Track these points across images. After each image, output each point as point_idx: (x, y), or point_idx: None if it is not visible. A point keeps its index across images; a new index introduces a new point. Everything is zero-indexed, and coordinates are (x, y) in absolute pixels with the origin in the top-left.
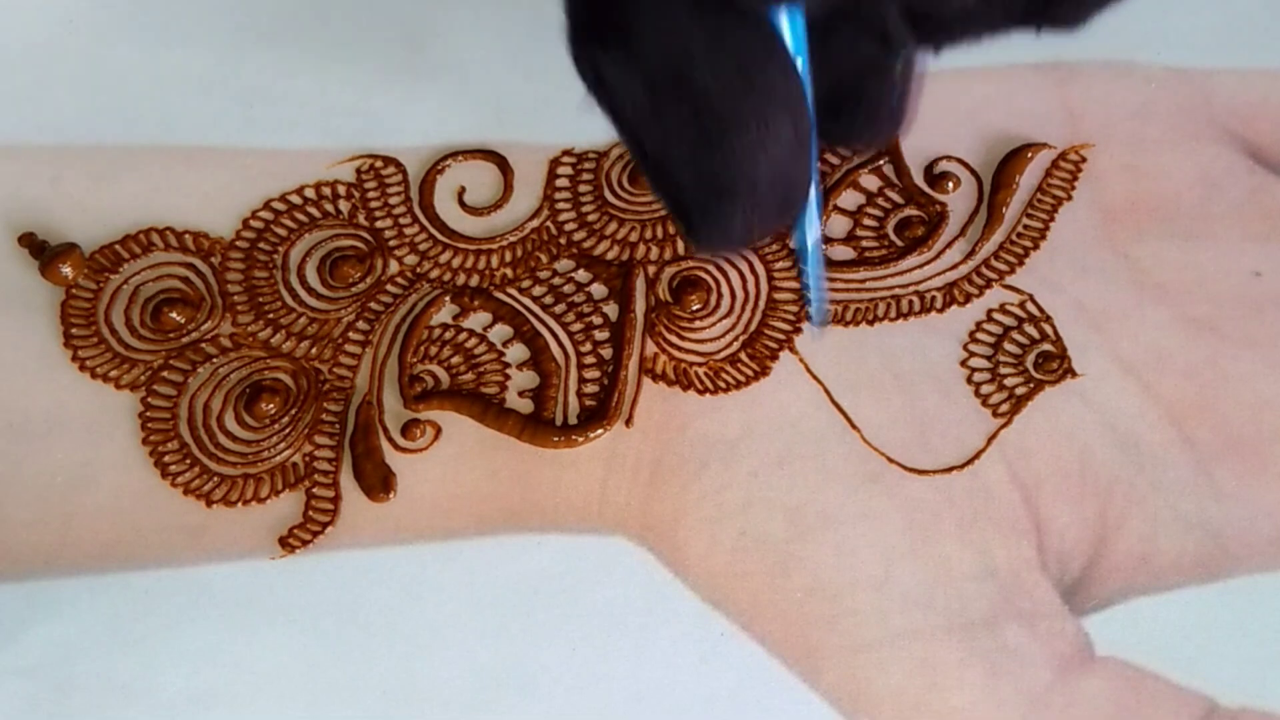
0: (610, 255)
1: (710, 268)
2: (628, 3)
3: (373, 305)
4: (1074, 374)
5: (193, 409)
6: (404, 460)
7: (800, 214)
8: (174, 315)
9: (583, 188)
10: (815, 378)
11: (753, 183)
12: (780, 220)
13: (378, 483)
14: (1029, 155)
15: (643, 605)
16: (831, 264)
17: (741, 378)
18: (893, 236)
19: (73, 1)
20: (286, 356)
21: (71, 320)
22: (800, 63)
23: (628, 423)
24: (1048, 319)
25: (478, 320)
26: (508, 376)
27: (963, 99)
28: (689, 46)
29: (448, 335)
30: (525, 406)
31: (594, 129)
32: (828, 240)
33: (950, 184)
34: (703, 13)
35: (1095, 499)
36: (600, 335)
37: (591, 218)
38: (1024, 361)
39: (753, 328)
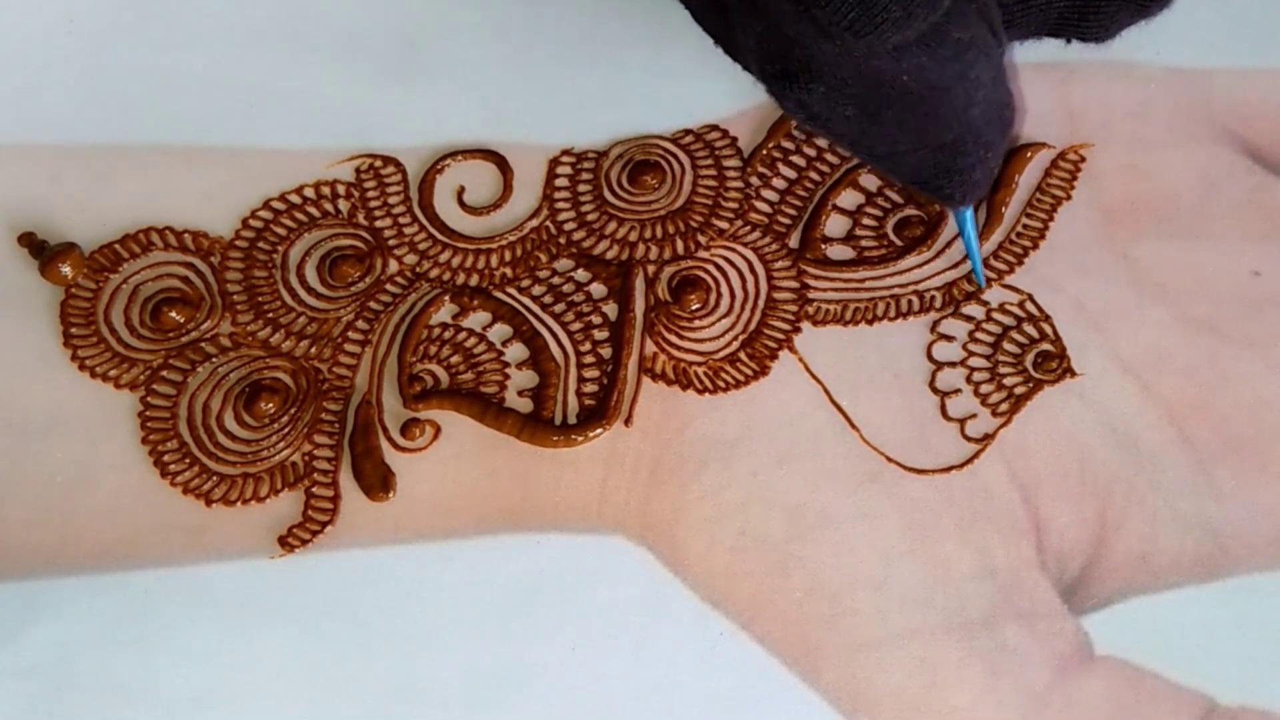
0: (610, 255)
1: (710, 267)
2: (804, 43)
3: (372, 305)
4: (1073, 374)
5: (192, 408)
6: (403, 460)
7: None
8: (173, 315)
9: (582, 187)
10: (815, 377)
11: (974, 129)
12: (1005, 141)
13: (377, 482)
14: (1028, 155)
15: (642, 605)
16: (831, 263)
17: (741, 377)
18: (892, 236)
19: (73, 1)
20: (286, 356)
21: (71, 320)
22: None
23: (627, 422)
24: (1047, 318)
25: (477, 320)
26: (507, 376)
27: None
28: (873, 60)
29: (447, 335)
30: (524, 406)
31: (593, 129)
32: (826, 240)
33: None
34: None
35: (1094, 499)
36: (600, 335)
37: (591, 217)
38: (1023, 361)
39: (752, 327)
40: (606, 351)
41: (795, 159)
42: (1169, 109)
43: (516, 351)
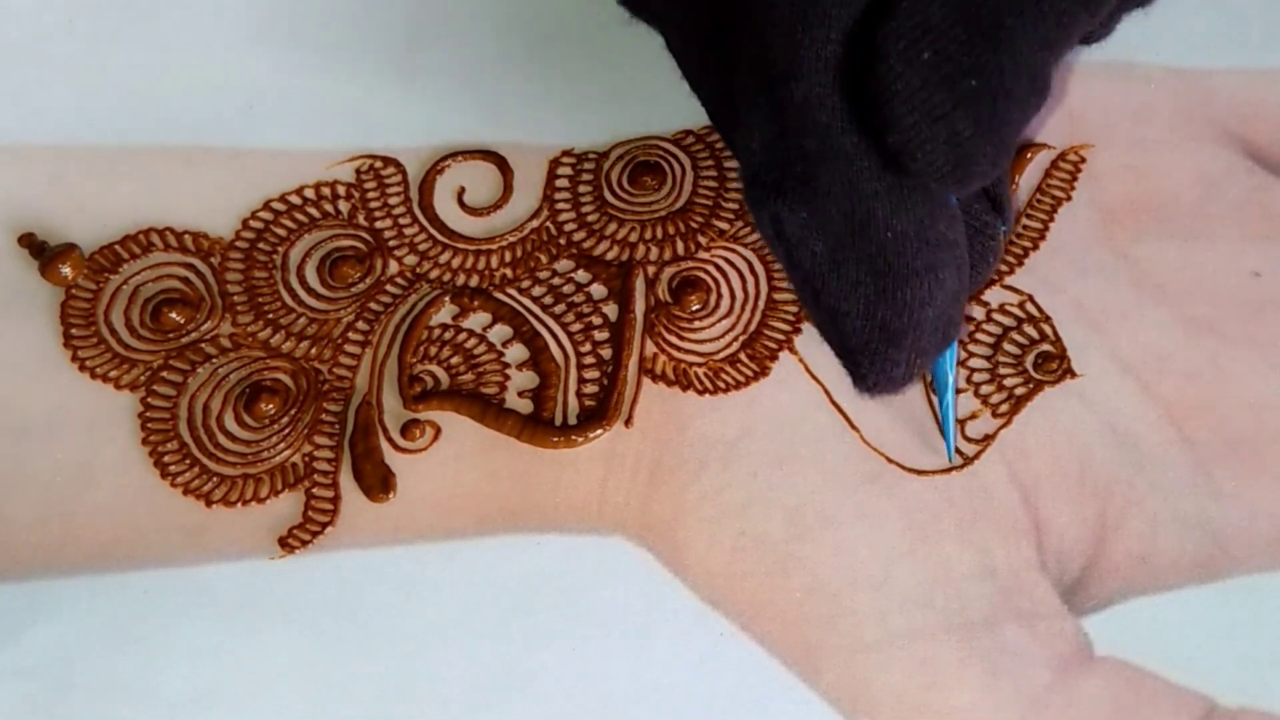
0: (610, 255)
1: (710, 268)
2: (815, 160)
3: (372, 305)
4: (1073, 374)
5: (192, 409)
6: (403, 460)
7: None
8: (174, 315)
9: (582, 188)
10: (815, 378)
11: (919, 329)
12: (936, 356)
13: (377, 483)
14: (1028, 155)
15: (642, 605)
16: None
17: (741, 378)
18: None
19: (73, 1)
20: (286, 357)
21: (71, 320)
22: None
23: (627, 423)
24: (1047, 319)
25: (477, 320)
26: (507, 377)
27: None
28: (873, 205)
29: (447, 335)
30: (525, 407)
31: (594, 129)
32: None
33: None
34: (885, 171)
35: (1095, 499)
36: (600, 335)
37: (591, 218)
38: (1023, 362)
39: (752, 328)
40: (607, 352)
41: None
42: (1169, 109)
43: (517, 352)
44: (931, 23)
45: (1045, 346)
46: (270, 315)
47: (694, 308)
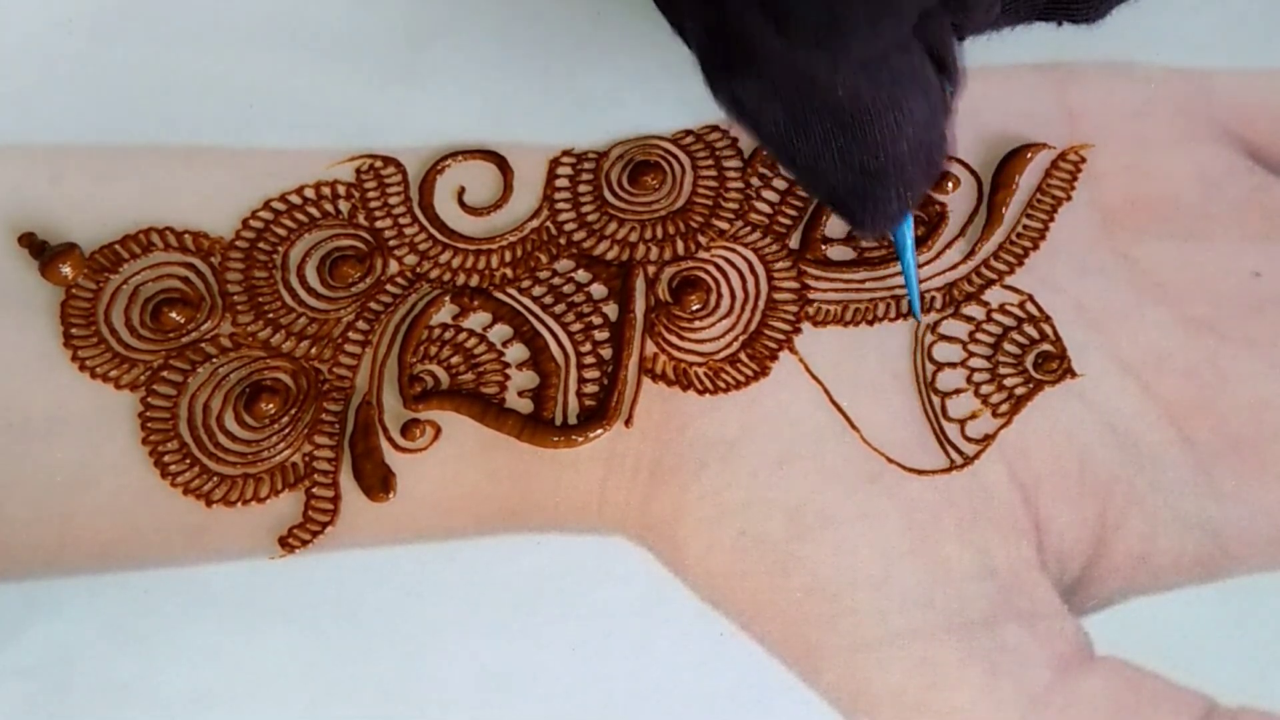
0: (610, 255)
1: (710, 268)
2: (753, 34)
3: (372, 305)
4: (1073, 374)
5: (192, 409)
6: (404, 460)
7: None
8: (174, 315)
9: (582, 188)
10: (815, 378)
11: (899, 162)
12: (928, 185)
13: (377, 483)
14: (1028, 155)
15: (642, 605)
16: (831, 264)
17: (741, 378)
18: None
19: (73, 1)
20: (286, 356)
21: (71, 320)
22: None
23: (627, 423)
24: (1047, 319)
25: (477, 320)
26: (507, 376)
27: (962, 99)
28: (813, 69)
29: (447, 335)
30: (525, 406)
31: (594, 129)
32: (826, 240)
33: (950, 184)
34: None
35: (1095, 499)
36: (600, 335)
37: (591, 218)
38: (1023, 362)
39: (752, 328)
40: (607, 352)
41: None
42: (1169, 109)
43: (517, 352)
44: None
45: (1045, 346)
46: (270, 315)
47: (694, 307)
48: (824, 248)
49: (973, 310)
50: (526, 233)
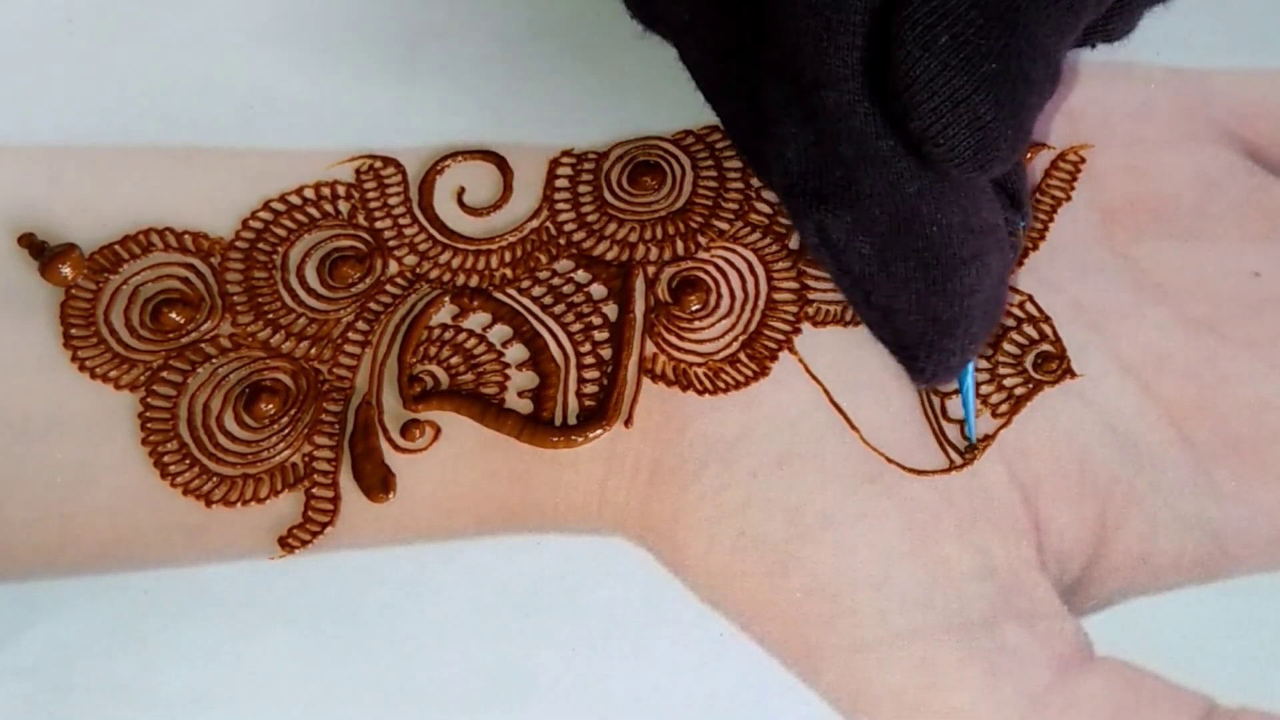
0: (610, 256)
1: (710, 268)
2: (853, 164)
3: (372, 305)
4: (1073, 374)
5: (192, 409)
6: (403, 460)
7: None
8: (174, 315)
9: (582, 188)
10: (815, 378)
11: (970, 315)
12: (986, 339)
13: (377, 483)
14: (1028, 156)
15: (642, 605)
16: None
17: (741, 378)
18: None
19: (73, 1)
20: (286, 357)
21: (71, 320)
22: None
23: (627, 423)
24: (1047, 319)
25: (477, 320)
26: (507, 377)
27: None
28: (916, 203)
29: (447, 335)
30: (524, 407)
31: (594, 129)
32: None
33: None
34: (923, 168)
35: (1094, 499)
36: (600, 335)
37: (591, 218)
38: (1023, 362)
39: (752, 328)
40: (606, 352)
41: None
42: (1169, 109)
43: (516, 352)
44: (947, 8)
45: (1045, 346)
46: (270, 315)
47: (694, 308)
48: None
49: None
50: (526, 233)
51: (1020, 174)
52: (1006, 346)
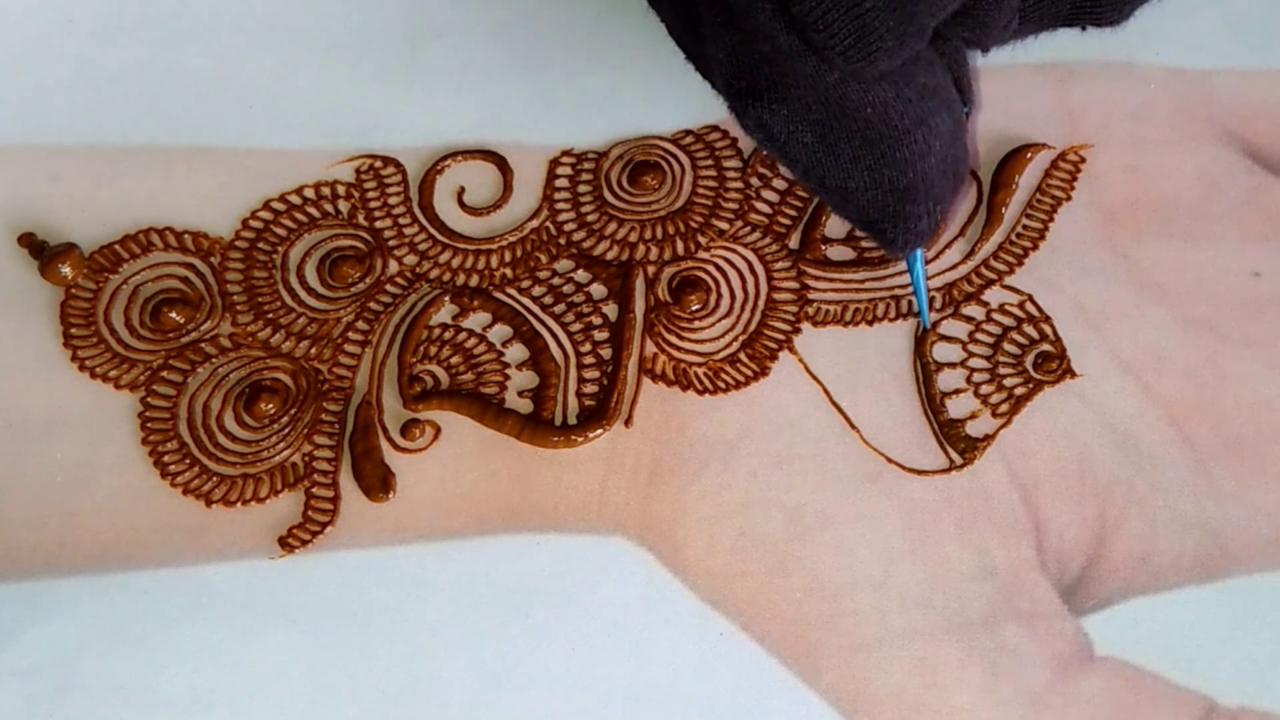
0: (610, 255)
1: (710, 268)
2: (774, 60)
3: (372, 305)
4: (1073, 374)
5: (192, 409)
6: (403, 460)
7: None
8: (173, 315)
9: (582, 188)
10: (814, 378)
11: (928, 178)
12: (955, 199)
13: (377, 483)
14: (1028, 155)
15: (642, 605)
16: (831, 264)
17: (741, 378)
18: None
19: (73, 1)
20: (286, 356)
21: (71, 320)
22: None
23: (627, 423)
24: (1047, 319)
25: (477, 320)
26: (507, 376)
27: None
28: (842, 90)
29: (447, 335)
30: (524, 406)
31: (593, 129)
32: (826, 241)
33: None
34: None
35: (1094, 499)
36: (600, 335)
37: (591, 218)
38: (1023, 362)
39: (752, 328)
40: (606, 352)
41: None
42: (1169, 109)
43: (516, 352)
44: None
45: (1045, 346)
46: (270, 315)
47: (694, 308)
48: (824, 248)
49: (972, 310)
50: (526, 233)
51: (961, 60)
52: (1007, 346)
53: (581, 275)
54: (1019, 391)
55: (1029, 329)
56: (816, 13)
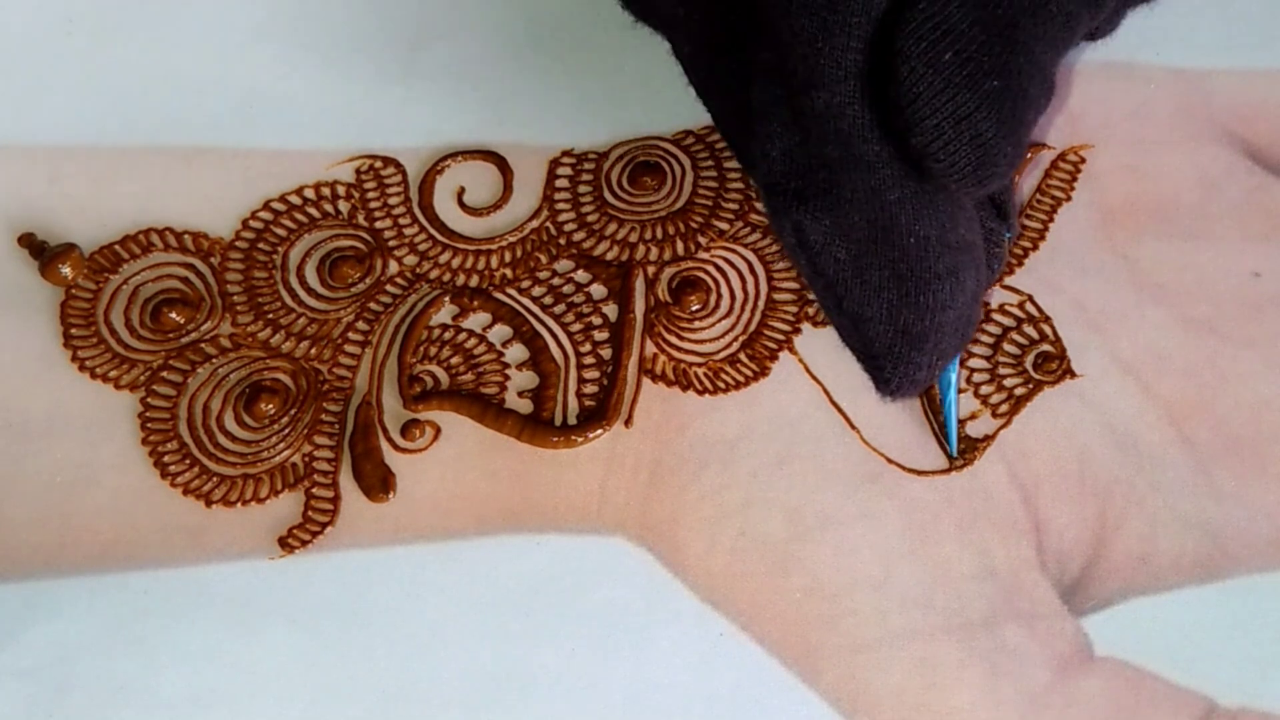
0: (610, 256)
1: (710, 268)
2: (837, 167)
3: (372, 305)
4: (1073, 374)
5: (192, 409)
6: (403, 460)
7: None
8: (173, 315)
9: (582, 188)
10: (815, 378)
11: (941, 331)
12: (955, 356)
13: (377, 483)
14: (1028, 156)
15: (642, 605)
16: None
17: (741, 378)
18: None
19: (73, 1)
20: (286, 357)
21: (71, 320)
22: None
23: (627, 423)
24: (1047, 319)
25: (477, 320)
26: (507, 377)
27: None
28: (896, 211)
29: (447, 335)
30: (524, 407)
31: (594, 129)
32: None
33: None
34: (907, 178)
35: (1094, 499)
36: (600, 336)
37: (591, 218)
38: (1023, 362)
39: (752, 328)
40: (606, 352)
41: None
42: (1169, 110)
43: (516, 352)
44: (950, 24)
45: (1045, 346)
46: (270, 315)
47: (694, 308)
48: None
49: None
50: (526, 233)
51: (1007, 186)
52: (1006, 346)
53: (581, 275)
54: (1019, 392)
55: (1029, 329)
56: (939, 143)
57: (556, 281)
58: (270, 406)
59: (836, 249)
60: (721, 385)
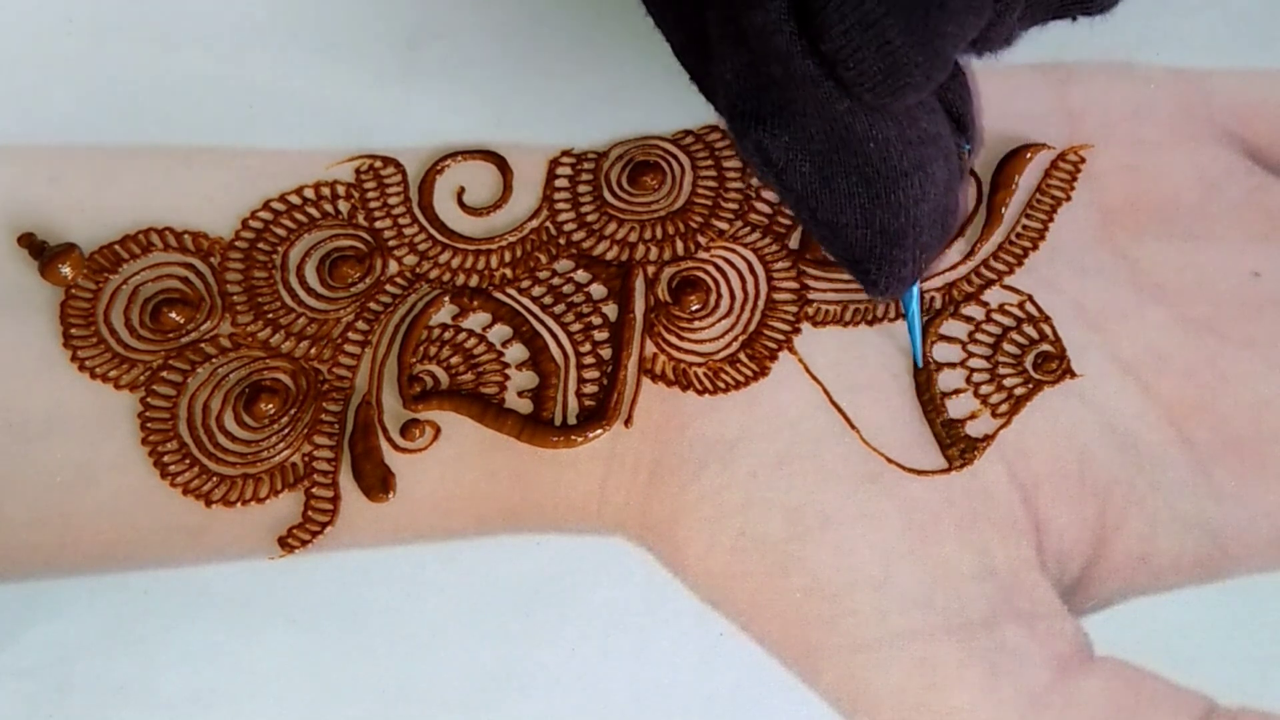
0: (609, 255)
1: (709, 268)
2: (784, 85)
3: (372, 305)
4: (1073, 374)
5: (192, 409)
6: (403, 460)
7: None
8: (173, 315)
9: (582, 188)
10: (814, 378)
11: (919, 225)
12: (940, 248)
13: (377, 483)
14: (1028, 156)
15: (642, 605)
16: (831, 264)
17: (741, 378)
18: None
19: (73, 1)
20: (286, 356)
21: (71, 320)
22: None
23: (627, 423)
24: (1047, 319)
25: (477, 320)
26: (507, 376)
27: None
28: (849, 120)
29: (447, 335)
30: (524, 406)
31: (593, 129)
32: None
33: None
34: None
35: (1094, 499)
36: (599, 335)
37: (591, 218)
38: (1023, 362)
39: (752, 328)
40: (606, 352)
41: None
42: (1169, 109)
43: (516, 352)
44: None
45: (1045, 346)
46: (270, 315)
47: (694, 308)
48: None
49: (972, 310)
50: (526, 233)
51: (965, 97)
52: (1006, 346)
53: (581, 275)
54: (1019, 392)
55: (1029, 329)
56: (846, 50)
57: (556, 281)
58: (270, 406)
59: (800, 163)
60: (721, 385)
